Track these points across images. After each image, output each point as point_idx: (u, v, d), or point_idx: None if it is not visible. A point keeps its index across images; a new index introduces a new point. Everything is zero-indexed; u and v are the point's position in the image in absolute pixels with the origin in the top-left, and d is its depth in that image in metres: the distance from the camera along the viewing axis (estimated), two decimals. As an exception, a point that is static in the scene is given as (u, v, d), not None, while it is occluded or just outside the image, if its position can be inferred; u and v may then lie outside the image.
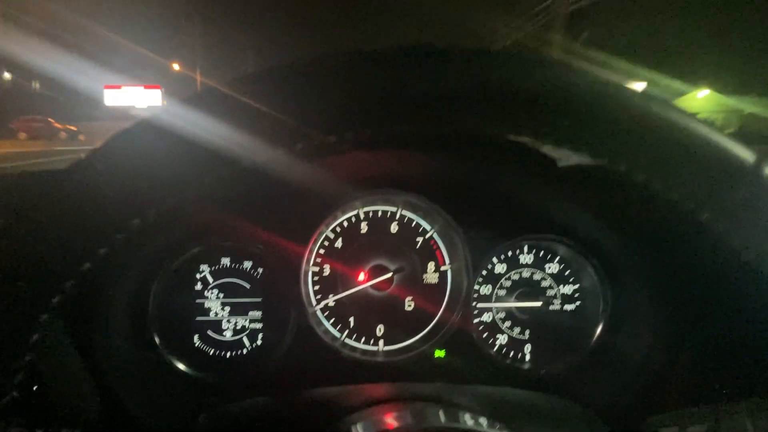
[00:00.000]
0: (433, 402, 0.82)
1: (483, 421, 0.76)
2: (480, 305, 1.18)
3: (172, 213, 0.97)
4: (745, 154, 0.43)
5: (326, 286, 1.15)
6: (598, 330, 1.13)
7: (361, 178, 1.12)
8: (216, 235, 1.08)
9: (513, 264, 1.18)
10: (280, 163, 0.99)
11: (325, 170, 1.09)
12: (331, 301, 1.15)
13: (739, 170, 0.44)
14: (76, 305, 0.93)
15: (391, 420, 0.78)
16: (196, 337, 1.13)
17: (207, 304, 1.13)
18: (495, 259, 1.18)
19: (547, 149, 1.05)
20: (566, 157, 1.06)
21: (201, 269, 1.12)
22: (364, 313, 1.16)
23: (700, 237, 0.94)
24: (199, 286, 1.12)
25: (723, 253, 0.87)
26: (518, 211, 1.13)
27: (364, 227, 1.16)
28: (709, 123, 0.46)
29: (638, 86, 0.48)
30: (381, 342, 1.16)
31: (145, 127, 0.41)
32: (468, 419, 0.74)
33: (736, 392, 0.80)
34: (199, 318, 1.12)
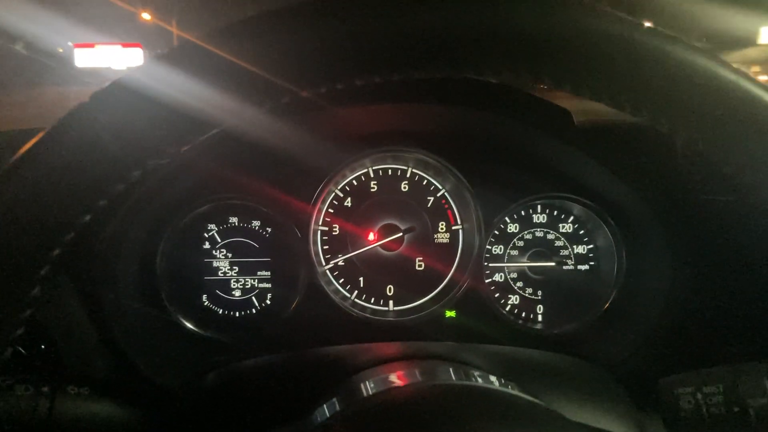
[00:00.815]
0: (444, 360, 0.81)
1: (494, 378, 0.74)
2: (492, 265, 1.16)
3: (175, 169, 0.95)
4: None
5: (336, 245, 1.14)
6: (613, 290, 1.11)
7: (370, 134, 1.09)
8: (223, 192, 1.06)
9: (526, 223, 1.16)
10: (286, 118, 0.97)
11: (332, 127, 1.07)
12: (340, 260, 1.13)
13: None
14: (84, 262, 0.92)
15: (400, 377, 0.77)
16: (204, 297, 1.12)
17: (215, 264, 1.12)
18: (507, 219, 1.15)
19: (562, 103, 1.01)
20: (583, 112, 1.03)
21: (209, 228, 1.11)
22: (374, 272, 1.15)
23: (719, 195, 0.91)
24: (207, 245, 1.11)
25: (742, 211, 0.85)
26: (532, 169, 1.10)
27: (373, 186, 1.13)
28: (740, 70, 0.44)
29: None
30: (391, 302, 1.15)
31: (140, 77, 0.39)
32: (479, 377, 0.72)
33: (753, 352, 0.78)
34: (207, 277, 1.12)
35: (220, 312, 1.13)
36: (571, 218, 1.16)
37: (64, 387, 0.71)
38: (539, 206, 1.15)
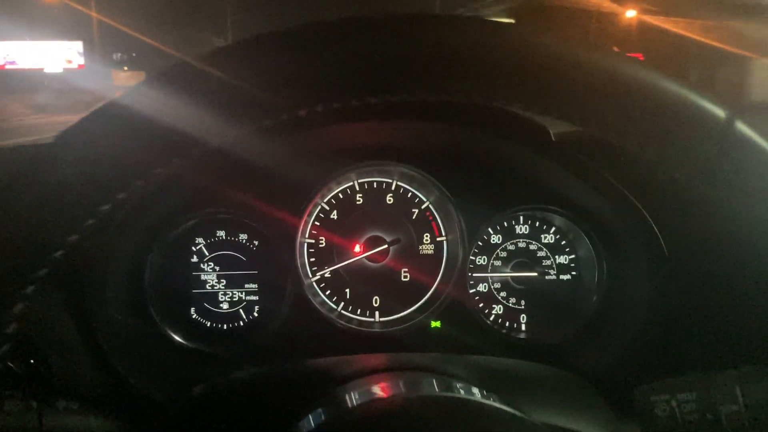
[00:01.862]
0: (427, 371, 0.82)
1: (475, 390, 0.76)
2: (476, 275, 1.18)
3: (163, 184, 0.97)
4: (716, 110, 0.42)
5: (322, 257, 1.15)
6: (594, 300, 1.13)
7: (355, 149, 1.11)
8: (211, 206, 1.08)
9: (509, 234, 1.18)
10: (273, 134, 0.98)
11: (318, 141, 1.09)
12: (327, 272, 1.15)
13: (711, 127, 0.43)
14: (73, 277, 0.93)
15: (384, 388, 0.79)
16: (192, 309, 1.13)
17: (203, 277, 1.13)
18: (490, 230, 1.17)
19: (540, 118, 1.04)
20: (559, 126, 1.05)
21: (197, 242, 1.12)
22: (360, 284, 1.16)
23: (694, 205, 0.93)
24: (194, 259, 1.13)
25: (716, 221, 0.87)
26: (513, 181, 1.13)
27: (359, 198, 1.15)
28: (678, 79, 0.45)
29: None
30: (377, 313, 1.17)
31: (132, 98, 0.40)
32: (461, 388, 0.74)
33: (726, 360, 0.81)
34: (195, 290, 1.13)
35: (208, 324, 1.14)
36: (553, 229, 1.18)
37: (53, 402, 0.72)
38: (521, 217, 1.18)
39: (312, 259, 1.15)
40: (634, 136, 0.44)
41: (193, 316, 1.13)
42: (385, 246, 1.15)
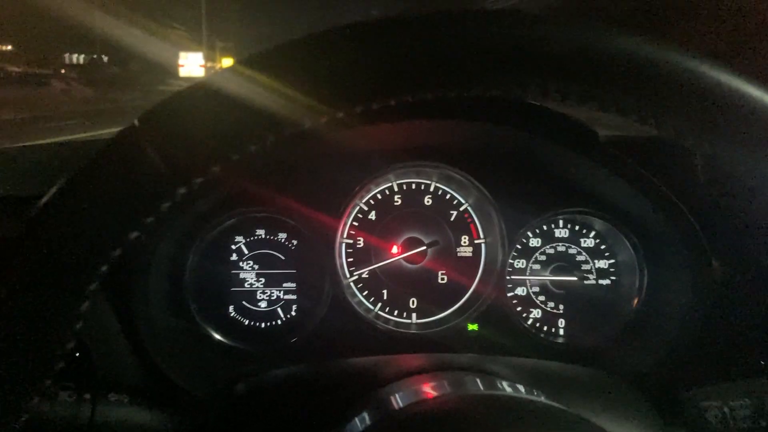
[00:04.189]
0: (470, 371, 0.82)
1: (521, 388, 0.75)
2: (514, 278, 1.17)
3: (210, 182, 0.98)
4: None
5: (360, 258, 1.15)
6: (634, 304, 1.11)
7: (395, 149, 1.11)
8: (250, 206, 1.09)
9: (548, 238, 1.17)
10: (314, 134, 0.99)
11: (358, 142, 1.09)
12: (365, 272, 1.15)
13: None
14: (117, 275, 0.95)
15: (429, 389, 0.78)
16: (231, 308, 1.14)
17: (242, 275, 1.14)
18: (530, 233, 1.16)
19: (586, 120, 1.03)
20: (606, 128, 1.04)
21: (236, 240, 1.13)
22: (398, 285, 1.16)
23: (741, 210, 0.92)
24: (234, 257, 1.13)
25: (763, 223, 0.86)
26: (555, 184, 1.12)
27: (397, 199, 1.15)
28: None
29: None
30: (414, 315, 1.17)
31: (192, 92, 0.41)
32: (507, 387, 0.73)
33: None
34: (234, 289, 1.14)
35: (247, 323, 1.15)
36: (593, 233, 1.17)
37: (104, 395, 0.73)
38: (561, 221, 1.17)
39: (350, 260, 1.15)
40: (714, 143, 0.43)
41: (232, 315, 1.14)
42: (423, 247, 1.15)
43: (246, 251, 1.13)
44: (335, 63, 0.41)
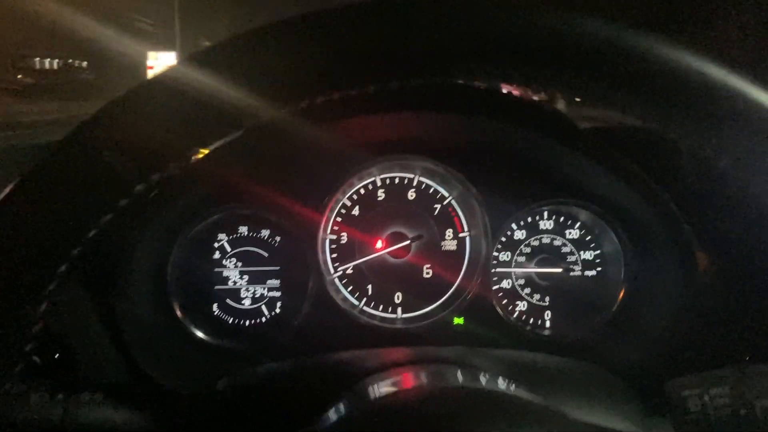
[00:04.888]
0: (452, 364, 0.81)
1: (501, 381, 0.75)
2: (499, 271, 1.17)
3: (189, 174, 0.97)
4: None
5: (344, 253, 1.15)
6: (620, 296, 1.11)
7: (377, 143, 1.10)
8: (233, 202, 1.08)
9: (533, 230, 1.17)
10: (294, 128, 0.98)
11: (339, 136, 1.08)
12: (349, 268, 1.14)
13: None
14: (97, 271, 0.94)
15: (408, 380, 0.78)
16: (215, 306, 1.13)
17: (225, 273, 1.13)
18: (514, 225, 1.16)
19: (568, 110, 1.03)
20: (587, 119, 1.04)
21: (219, 238, 1.12)
22: (382, 280, 1.16)
23: (726, 200, 0.91)
24: (217, 255, 1.13)
25: (749, 213, 0.85)
26: (538, 176, 1.11)
27: (381, 194, 1.15)
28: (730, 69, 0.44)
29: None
30: (399, 309, 1.16)
31: (159, 83, 0.40)
32: (486, 379, 0.73)
33: (761, 354, 0.78)
34: (217, 287, 1.13)
35: (230, 321, 1.14)
36: (578, 224, 1.16)
37: (78, 394, 0.72)
38: (546, 213, 1.16)
39: (334, 255, 1.15)
40: (679, 125, 0.43)
41: (216, 313, 1.13)
42: (407, 242, 1.14)
43: (229, 248, 1.13)
44: (278, 58, 0.40)
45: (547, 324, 1.17)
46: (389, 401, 0.69)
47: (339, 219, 1.14)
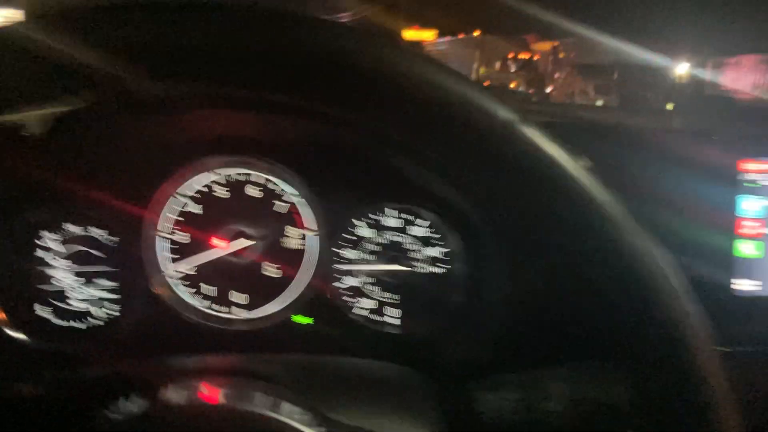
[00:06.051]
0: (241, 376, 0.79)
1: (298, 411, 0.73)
2: (345, 269, 1.15)
3: None
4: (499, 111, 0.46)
5: (183, 253, 1.10)
6: (462, 294, 1.12)
7: (214, 139, 1.06)
8: (53, 197, 1.02)
9: (379, 228, 1.15)
10: (127, 121, 0.93)
11: (172, 130, 1.04)
12: (187, 268, 1.10)
13: (492, 128, 0.44)
14: None
15: (204, 392, 0.75)
16: (37, 307, 1.07)
17: (50, 272, 1.07)
18: (360, 223, 1.14)
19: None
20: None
21: (40, 234, 1.05)
22: (223, 280, 1.12)
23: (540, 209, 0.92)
24: (39, 253, 1.06)
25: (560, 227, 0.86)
26: (381, 176, 1.09)
27: (222, 192, 1.11)
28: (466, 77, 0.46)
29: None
30: (240, 310, 1.13)
31: None
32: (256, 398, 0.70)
33: (557, 357, 0.80)
34: (40, 286, 1.06)
35: (58, 322, 1.08)
36: (425, 222, 1.16)
37: None
38: (392, 211, 1.15)
39: (171, 255, 1.10)
40: (406, 129, 0.46)
41: (40, 314, 1.07)
42: (248, 241, 1.11)
43: (53, 246, 1.06)
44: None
45: (394, 322, 1.17)
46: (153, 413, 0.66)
47: (176, 217, 1.09)
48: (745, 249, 1.14)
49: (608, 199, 0.51)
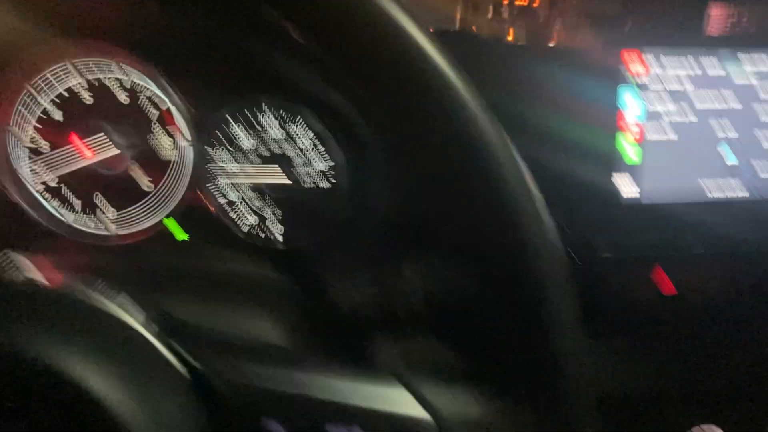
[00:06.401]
0: None
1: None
2: (225, 183, 1.10)
3: None
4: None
5: (47, 164, 1.03)
6: (346, 206, 1.09)
7: (66, 23, 0.98)
8: None
9: (262, 139, 1.11)
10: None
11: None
12: (52, 180, 1.04)
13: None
14: None
15: None
16: None
17: None
18: (242, 134, 1.09)
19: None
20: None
21: None
22: (93, 192, 1.06)
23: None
24: None
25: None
26: (264, 81, 1.04)
27: (88, 97, 1.03)
28: None
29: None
30: (113, 225, 1.07)
31: None
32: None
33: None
34: None
35: None
36: (311, 135, 1.12)
37: None
38: (277, 122, 1.11)
39: (35, 166, 1.03)
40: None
41: None
42: (120, 151, 1.04)
43: None
44: None
45: (279, 237, 1.14)
46: None
47: (38, 125, 1.02)
48: (628, 152, 1.12)
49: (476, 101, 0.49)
